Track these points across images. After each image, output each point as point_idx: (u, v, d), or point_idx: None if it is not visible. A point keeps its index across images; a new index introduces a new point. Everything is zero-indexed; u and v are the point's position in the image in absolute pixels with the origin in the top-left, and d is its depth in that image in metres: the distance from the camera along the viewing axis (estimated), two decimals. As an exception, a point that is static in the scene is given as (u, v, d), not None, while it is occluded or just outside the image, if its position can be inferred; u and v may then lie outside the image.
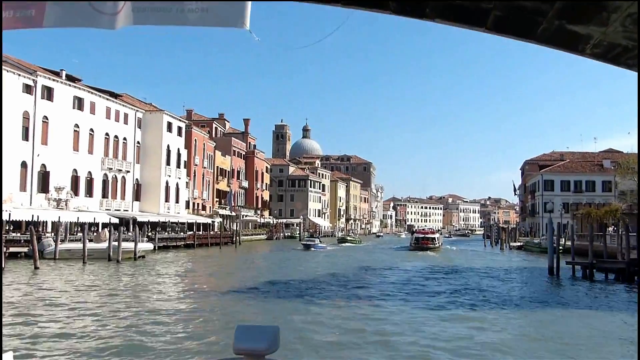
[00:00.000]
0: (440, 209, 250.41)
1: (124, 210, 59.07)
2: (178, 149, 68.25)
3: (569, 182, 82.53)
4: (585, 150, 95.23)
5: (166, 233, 55.48)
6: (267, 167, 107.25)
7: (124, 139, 60.97)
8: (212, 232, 65.83)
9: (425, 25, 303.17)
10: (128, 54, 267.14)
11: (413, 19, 3.04)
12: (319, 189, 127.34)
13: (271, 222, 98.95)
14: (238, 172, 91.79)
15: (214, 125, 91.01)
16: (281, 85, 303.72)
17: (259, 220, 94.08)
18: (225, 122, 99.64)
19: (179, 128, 68.84)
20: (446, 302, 20.42)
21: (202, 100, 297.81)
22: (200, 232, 63.66)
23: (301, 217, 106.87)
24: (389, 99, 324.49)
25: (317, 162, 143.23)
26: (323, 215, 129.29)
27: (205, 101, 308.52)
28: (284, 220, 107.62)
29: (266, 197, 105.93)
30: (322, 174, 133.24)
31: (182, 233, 57.39)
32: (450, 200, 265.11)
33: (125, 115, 61.30)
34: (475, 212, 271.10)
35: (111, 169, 58.17)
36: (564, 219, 76.61)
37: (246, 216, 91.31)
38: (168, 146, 65.68)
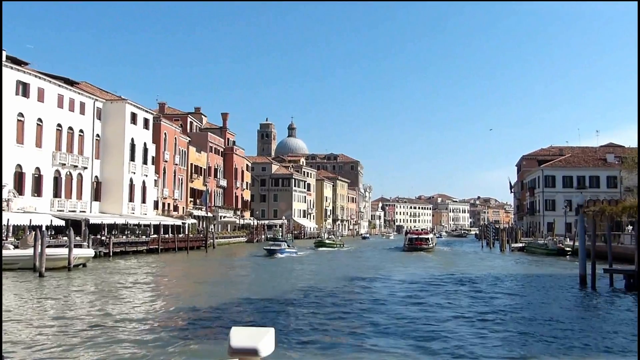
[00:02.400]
0: (430, 209, 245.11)
1: (81, 212, 52.30)
2: (145, 144, 61.46)
3: (572, 177, 76.53)
4: (585, 145, 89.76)
5: (124, 237, 48.64)
6: (247, 165, 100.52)
7: (81, 131, 54.11)
8: (181, 235, 59.05)
9: (412, 26, 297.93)
10: (98, 45, 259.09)
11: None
12: (304, 188, 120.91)
13: (252, 223, 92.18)
14: (215, 170, 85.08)
15: (189, 120, 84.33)
16: (266, 83, 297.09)
17: (238, 222, 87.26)
18: (202, 116, 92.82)
19: (145, 120, 62.04)
20: (471, 342, 13.93)
21: (181, 99, 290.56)
22: (169, 235, 56.95)
23: (284, 217, 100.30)
24: (376, 99, 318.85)
25: (302, 160, 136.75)
26: (308, 216, 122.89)
27: (184, 100, 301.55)
28: (266, 222, 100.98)
29: (247, 197, 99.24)
30: (308, 173, 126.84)
31: (144, 237, 50.52)
32: (439, 200, 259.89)
33: (82, 105, 54.42)
34: (465, 212, 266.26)
35: (64, 164, 51.31)
36: (567, 218, 70.99)
37: (224, 217, 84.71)
38: (132, 139, 58.90)
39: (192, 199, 76.01)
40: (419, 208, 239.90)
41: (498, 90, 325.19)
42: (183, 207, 73.31)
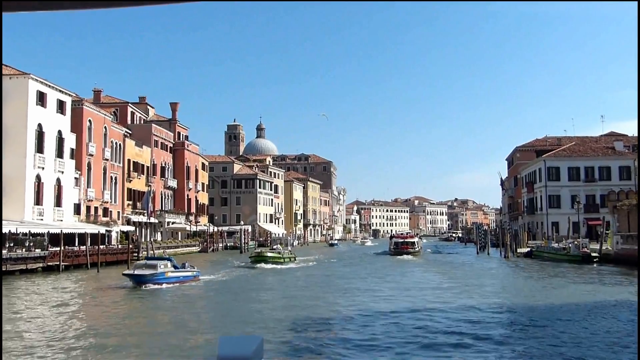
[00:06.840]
0: (407, 212, 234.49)
1: (-37, 218, 39.30)
2: (60, 132, 48.78)
3: (578, 169, 65.42)
4: (585, 134, 79.37)
5: (5, 251, 35.73)
6: (204, 163, 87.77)
7: (-37, 112, 41.25)
8: (103, 247, 46.16)
9: (388, 27, 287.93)
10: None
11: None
12: (271, 190, 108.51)
13: (207, 230, 79.49)
14: (162, 168, 72.29)
15: (130, 110, 71.37)
16: (234, 81, 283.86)
17: (189, 229, 74.44)
18: (149, 107, 79.85)
19: (60, 102, 49.25)
20: None
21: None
22: (79, 248, 44.10)
23: (242, 223, 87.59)
24: (350, 100, 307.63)
25: (269, 159, 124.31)
26: (276, 220, 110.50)
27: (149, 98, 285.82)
28: (227, 228, 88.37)
29: (204, 200, 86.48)
30: (275, 173, 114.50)
31: (38, 250, 37.67)
32: (416, 202, 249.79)
33: (-34, 79, 41.60)
34: (443, 215, 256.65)
35: (-64, 155, 38.45)
36: (572, 216, 60.01)
37: (173, 223, 71.97)
38: (40, 126, 46.17)
39: (130, 202, 63.20)
40: (395, 211, 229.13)
41: (475, 92, 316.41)
42: (118, 212, 60.49)
